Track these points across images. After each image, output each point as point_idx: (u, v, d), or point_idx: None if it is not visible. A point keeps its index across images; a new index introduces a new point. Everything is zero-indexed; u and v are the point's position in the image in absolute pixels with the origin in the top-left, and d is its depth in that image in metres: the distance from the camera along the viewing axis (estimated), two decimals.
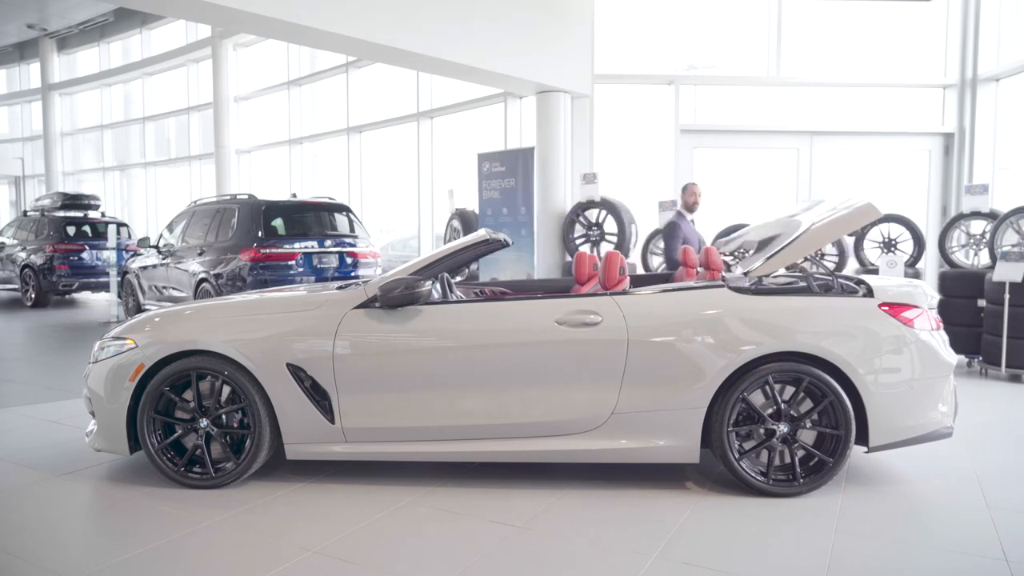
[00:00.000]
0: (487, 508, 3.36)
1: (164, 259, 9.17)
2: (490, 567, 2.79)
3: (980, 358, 6.83)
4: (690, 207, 6.38)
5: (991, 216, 7.23)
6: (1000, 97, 8.50)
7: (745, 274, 3.75)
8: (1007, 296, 6.33)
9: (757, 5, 9.03)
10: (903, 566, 2.81)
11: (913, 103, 9.10)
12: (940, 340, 3.60)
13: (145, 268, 9.69)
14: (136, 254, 10.27)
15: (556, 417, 3.49)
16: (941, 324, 3.69)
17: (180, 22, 15.83)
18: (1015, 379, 6.45)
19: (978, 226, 7.47)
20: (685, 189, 6.47)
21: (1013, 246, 6.62)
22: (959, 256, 7.55)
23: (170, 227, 9.53)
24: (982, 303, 6.83)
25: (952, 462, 4.03)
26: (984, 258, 7.36)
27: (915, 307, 3.56)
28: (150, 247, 9.67)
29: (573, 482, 3.68)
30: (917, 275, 7.83)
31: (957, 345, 4.79)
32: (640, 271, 8.16)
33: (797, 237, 3.67)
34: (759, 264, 3.68)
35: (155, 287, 9.46)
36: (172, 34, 16.75)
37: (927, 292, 3.72)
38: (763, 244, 3.96)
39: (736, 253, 5.15)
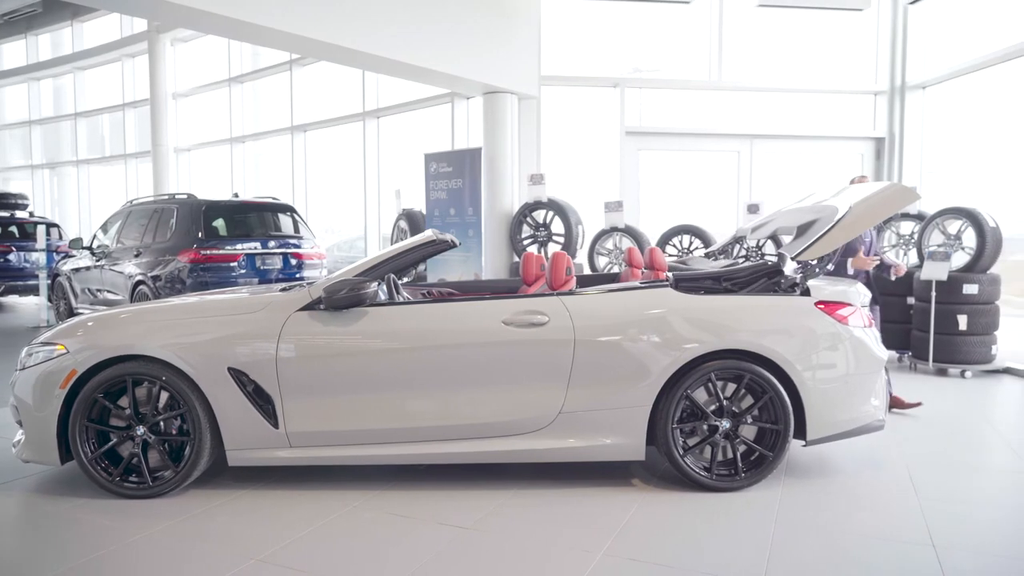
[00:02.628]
0: (435, 510, 3.35)
1: (98, 261, 8.83)
2: (438, 569, 2.78)
3: (910, 353, 7.14)
4: None
5: (919, 217, 7.56)
6: (927, 104, 8.89)
7: (792, 258, 3.74)
8: (934, 294, 6.63)
9: (699, 12, 9.23)
10: (838, 554, 2.91)
11: (847, 109, 9.43)
12: (873, 337, 3.74)
13: (77, 270, 9.33)
14: (68, 256, 9.88)
15: (504, 418, 3.50)
16: (873, 321, 3.84)
17: (114, 15, 15.27)
18: (942, 373, 6.76)
19: (907, 227, 7.80)
20: (853, 183, 5.57)
21: (939, 246, 6.93)
22: (890, 256, 7.86)
23: (104, 228, 9.19)
24: (911, 301, 7.14)
25: (884, 453, 4.20)
26: (913, 258, 7.68)
27: (849, 305, 3.69)
28: (83, 248, 9.31)
29: (522, 482, 3.69)
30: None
31: (888, 341, 5.02)
32: (587, 271, 8.25)
33: (841, 218, 3.68)
34: (805, 247, 3.68)
35: (88, 290, 9.11)
36: (106, 27, 16.14)
37: (860, 291, 3.87)
38: (802, 229, 3.96)
39: (759, 243, 5.24)
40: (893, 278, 5.69)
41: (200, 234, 7.75)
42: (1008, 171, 7.48)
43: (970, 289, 6.55)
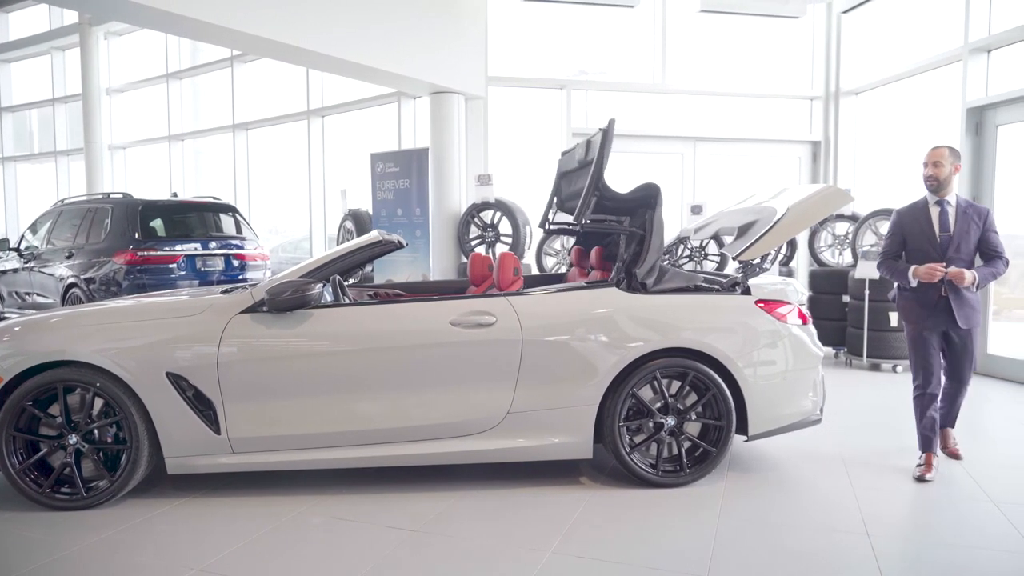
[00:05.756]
0: (383, 514, 3.32)
1: (26, 263, 8.46)
2: (387, 573, 2.75)
3: (845, 349, 7.40)
4: (926, 184, 3.90)
5: (853, 219, 7.85)
6: (860, 109, 9.24)
7: (733, 258, 3.82)
8: (867, 292, 6.90)
9: (643, 16, 9.38)
10: (779, 545, 3.00)
11: (785, 113, 9.72)
12: (810, 334, 3.87)
13: (4, 273, 8.92)
14: None
15: (452, 419, 3.49)
16: (810, 318, 3.97)
17: (42, 5, 14.63)
18: (875, 368, 7.03)
19: (842, 228, 8.09)
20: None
21: (872, 246, 7.21)
22: (826, 256, 8.15)
23: (33, 228, 8.82)
24: (847, 299, 7.41)
25: (821, 447, 4.34)
26: (848, 257, 7.98)
27: (787, 303, 3.81)
28: (10, 250, 8.90)
29: (471, 483, 3.69)
30: (790, 274, 8.39)
31: (824, 338, 5.18)
32: (535, 272, 8.29)
33: (779, 220, 3.76)
34: (745, 248, 3.75)
35: (16, 293, 8.71)
36: (33, 18, 15.44)
37: (798, 289, 3.99)
38: (743, 230, 4.04)
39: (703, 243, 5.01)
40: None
41: (137, 235, 7.50)
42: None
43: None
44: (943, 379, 3.99)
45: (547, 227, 4.92)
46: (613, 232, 3.99)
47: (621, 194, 3.99)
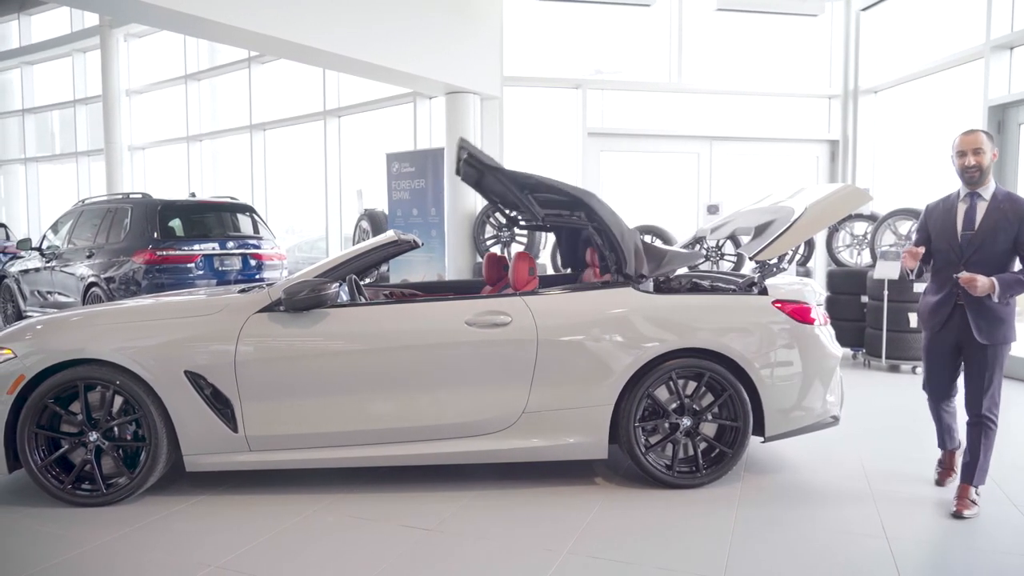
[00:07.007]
0: (398, 513, 3.33)
1: (48, 262, 8.58)
2: (402, 572, 2.76)
3: (864, 350, 7.32)
4: (965, 176, 3.38)
5: (871, 218, 7.76)
6: (879, 107, 9.14)
7: (750, 258, 3.80)
8: (886, 292, 6.82)
9: (659, 15, 9.34)
10: (797, 548, 2.98)
11: (802, 112, 9.64)
12: (828, 334, 3.83)
13: (26, 272, 9.04)
14: (16, 257, 9.58)
15: (468, 418, 3.49)
16: (828, 319, 3.93)
17: (64, 8, 14.82)
18: (894, 369, 6.95)
19: (860, 227, 8.01)
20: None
21: (891, 246, 7.12)
22: (844, 256, 8.07)
23: (55, 228, 8.94)
24: (865, 299, 7.33)
25: (840, 448, 4.30)
26: (866, 257, 7.89)
27: (805, 304, 3.78)
28: (32, 249, 9.03)
29: (485, 483, 3.69)
30: (808, 274, 8.32)
31: (843, 338, 5.11)
32: (550, 272, 8.27)
33: (796, 220, 3.73)
34: (762, 248, 3.73)
35: (38, 292, 8.83)
36: (56, 21, 15.66)
37: (816, 290, 3.96)
38: (760, 229, 4.01)
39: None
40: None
41: (156, 234, 7.58)
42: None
43: (920, 288, 6.74)
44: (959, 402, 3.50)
45: (520, 225, 4.91)
46: (579, 226, 3.92)
47: (544, 180, 3.83)
